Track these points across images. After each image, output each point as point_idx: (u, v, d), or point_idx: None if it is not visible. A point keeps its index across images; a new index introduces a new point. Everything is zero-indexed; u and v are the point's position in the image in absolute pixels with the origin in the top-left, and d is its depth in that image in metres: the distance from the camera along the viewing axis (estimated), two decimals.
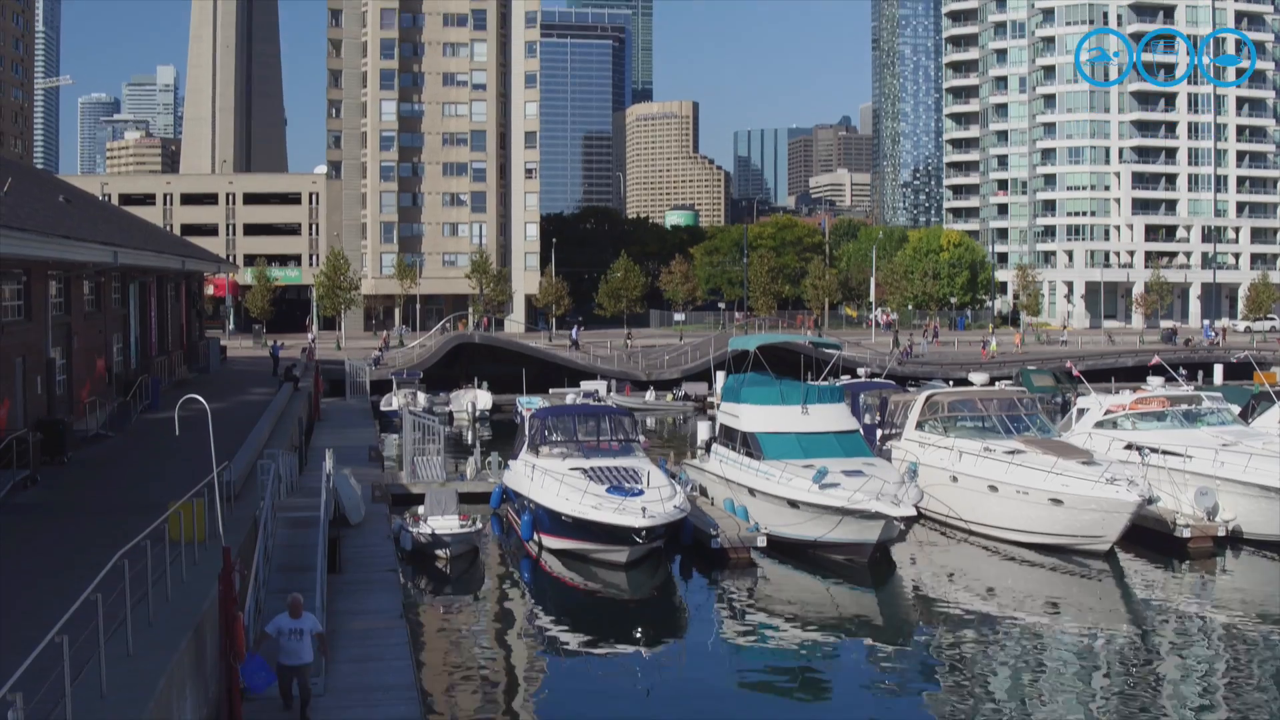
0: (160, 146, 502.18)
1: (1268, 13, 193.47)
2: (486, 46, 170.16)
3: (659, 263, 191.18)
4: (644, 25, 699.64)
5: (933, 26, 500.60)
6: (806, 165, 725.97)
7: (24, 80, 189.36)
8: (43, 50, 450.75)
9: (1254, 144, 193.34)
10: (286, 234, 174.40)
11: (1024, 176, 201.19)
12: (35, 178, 72.94)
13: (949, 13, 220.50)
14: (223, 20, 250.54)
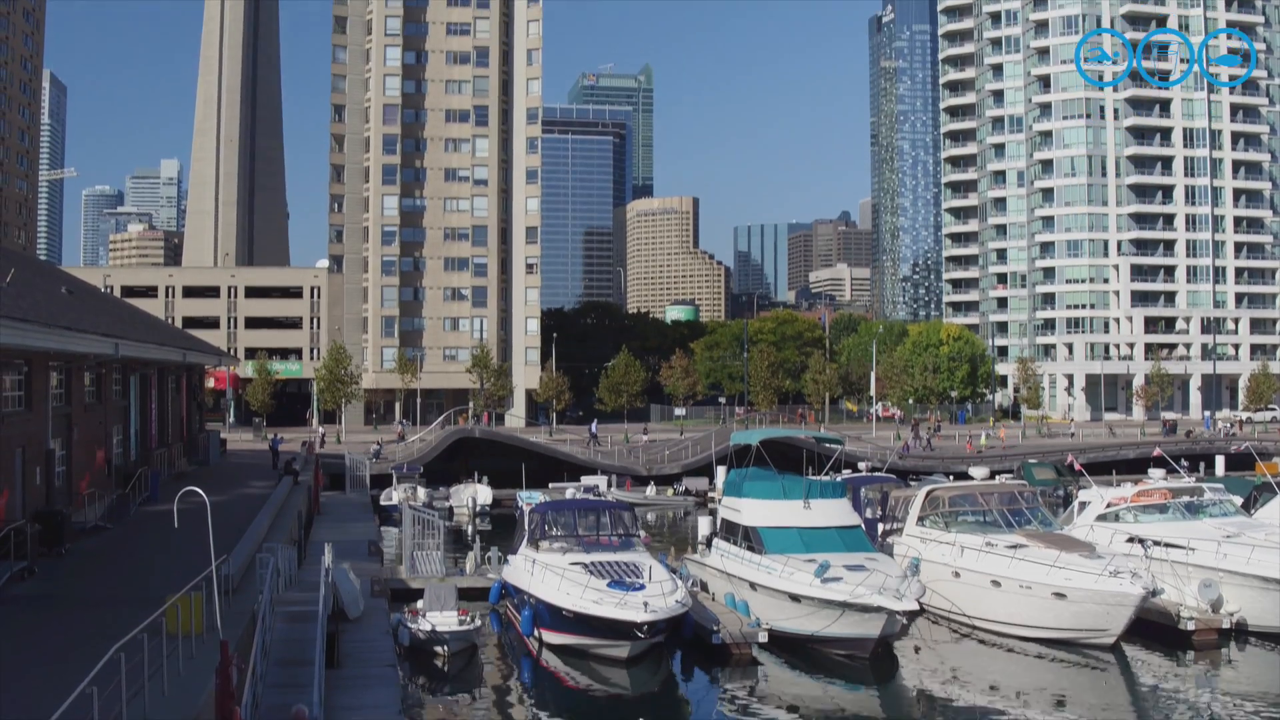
0: (163, 239, 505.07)
1: (1263, 105, 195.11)
2: (488, 142, 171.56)
3: (659, 357, 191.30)
4: (644, 122, 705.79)
5: (931, 122, 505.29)
6: (806, 260, 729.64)
7: (28, 171, 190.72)
8: (48, 142, 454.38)
9: (1252, 235, 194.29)
10: (288, 327, 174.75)
11: (1023, 270, 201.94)
12: (38, 269, 73.20)
13: (947, 108, 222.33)
14: (227, 115, 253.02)
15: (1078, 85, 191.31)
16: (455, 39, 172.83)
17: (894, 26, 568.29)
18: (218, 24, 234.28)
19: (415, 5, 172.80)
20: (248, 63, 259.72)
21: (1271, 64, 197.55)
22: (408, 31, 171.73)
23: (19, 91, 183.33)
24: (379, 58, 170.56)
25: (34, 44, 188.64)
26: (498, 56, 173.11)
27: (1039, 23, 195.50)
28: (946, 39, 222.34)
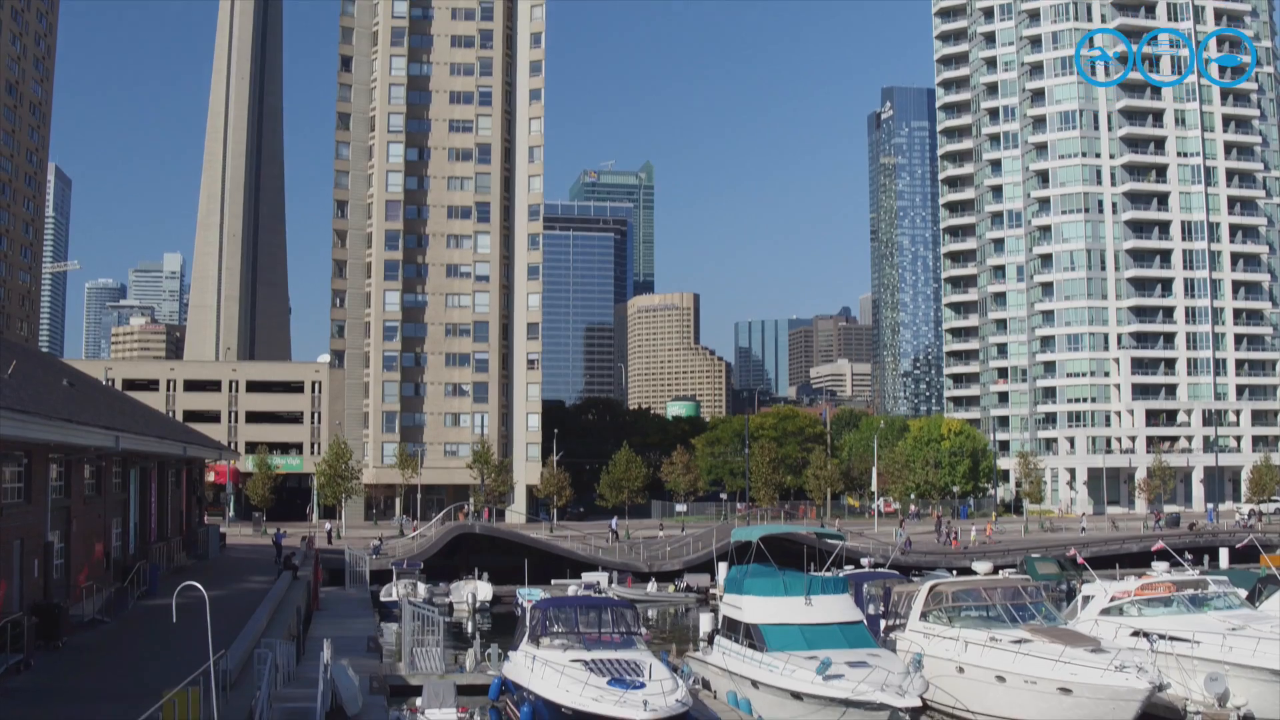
0: (165, 333, 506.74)
1: (1260, 197, 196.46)
2: (490, 238, 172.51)
3: (660, 453, 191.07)
4: (645, 218, 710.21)
5: (931, 218, 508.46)
6: (807, 356, 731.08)
7: (32, 264, 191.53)
8: (51, 235, 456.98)
9: (1251, 327, 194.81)
10: (288, 422, 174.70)
11: (1024, 364, 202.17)
12: (40, 361, 73.33)
13: (946, 204, 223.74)
14: (230, 210, 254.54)
15: (1076, 180, 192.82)
16: (457, 135, 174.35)
17: (893, 123, 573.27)
18: (222, 119, 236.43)
19: (418, 102, 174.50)
20: (251, 158, 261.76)
21: (1268, 156, 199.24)
22: (410, 128, 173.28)
23: (24, 184, 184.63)
24: (381, 154, 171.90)
25: (40, 137, 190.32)
26: (500, 153, 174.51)
27: (1036, 118, 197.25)
28: (945, 135, 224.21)
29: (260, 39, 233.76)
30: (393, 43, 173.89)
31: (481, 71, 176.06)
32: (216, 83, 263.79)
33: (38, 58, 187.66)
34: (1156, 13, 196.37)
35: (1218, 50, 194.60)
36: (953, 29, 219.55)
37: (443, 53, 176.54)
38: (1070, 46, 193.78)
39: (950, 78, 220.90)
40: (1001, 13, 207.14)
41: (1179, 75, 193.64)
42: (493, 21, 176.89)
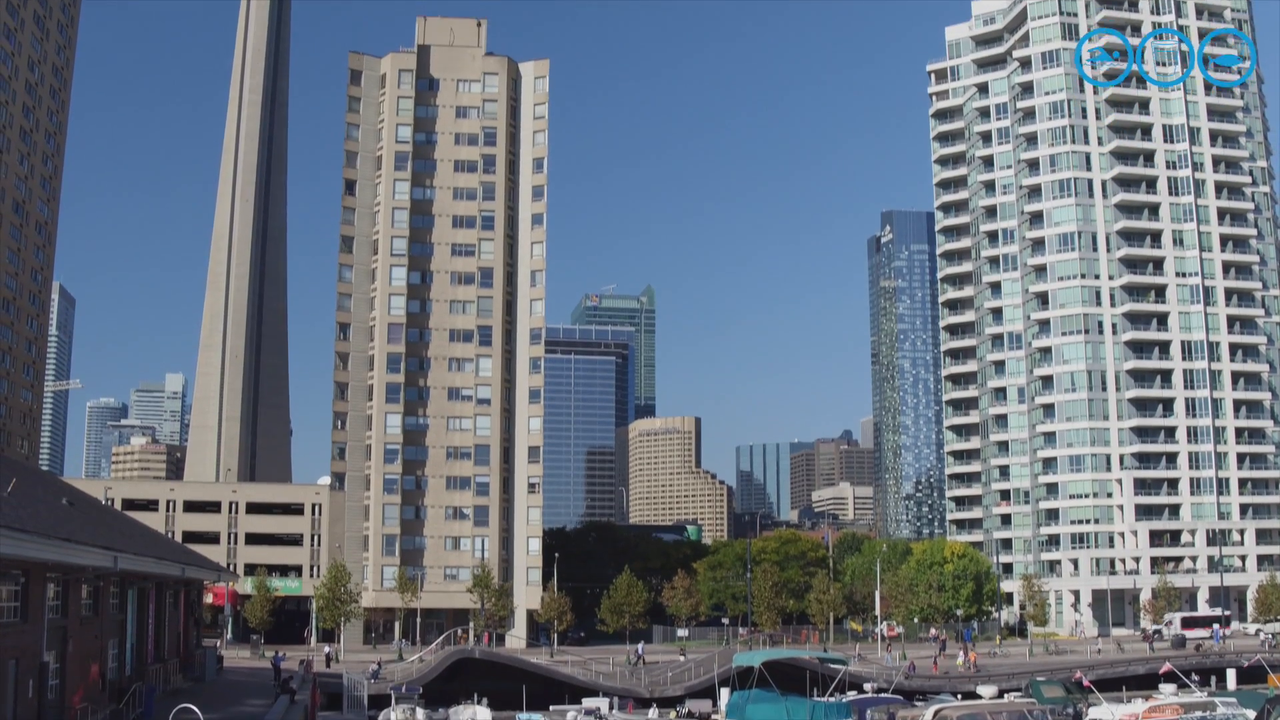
0: (165, 453, 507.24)
1: (1259, 316, 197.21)
2: (491, 362, 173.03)
3: (662, 578, 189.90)
4: (646, 342, 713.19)
5: (931, 340, 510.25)
6: (809, 479, 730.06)
7: (34, 382, 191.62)
8: (54, 353, 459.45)
9: (1254, 445, 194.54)
10: (288, 544, 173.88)
11: (1026, 486, 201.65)
12: (39, 479, 73.14)
13: (946, 326, 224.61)
14: (232, 331, 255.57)
15: (1076, 301, 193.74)
16: (460, 260, 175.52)
17: (892, 246, 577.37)
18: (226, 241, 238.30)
19: (421, 226, 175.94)
20: (254, 279, 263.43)
21: (1266, 275, 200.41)
22: (413, 252, 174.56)
23: (28, 303, 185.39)
24: (384, 277, 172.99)
25: (45, 256, 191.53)
26: (502, 277, 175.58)
27: (1035, 241, 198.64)
28: (945, 258, 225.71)
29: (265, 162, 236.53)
30: (396, 167, 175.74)
31: (484, 196, 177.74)
32: (221, 204, 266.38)
33: (45, 177, 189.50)
34: (1153, 135, 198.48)
35: (1214, 172, 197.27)
36: (951, 153, 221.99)
37: (446, 177, 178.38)
38: (1068, 169, 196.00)
39: (949, 201, 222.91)
40: (999, 136, 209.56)
41: (1176, 194, 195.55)
42: (495, 147, 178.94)
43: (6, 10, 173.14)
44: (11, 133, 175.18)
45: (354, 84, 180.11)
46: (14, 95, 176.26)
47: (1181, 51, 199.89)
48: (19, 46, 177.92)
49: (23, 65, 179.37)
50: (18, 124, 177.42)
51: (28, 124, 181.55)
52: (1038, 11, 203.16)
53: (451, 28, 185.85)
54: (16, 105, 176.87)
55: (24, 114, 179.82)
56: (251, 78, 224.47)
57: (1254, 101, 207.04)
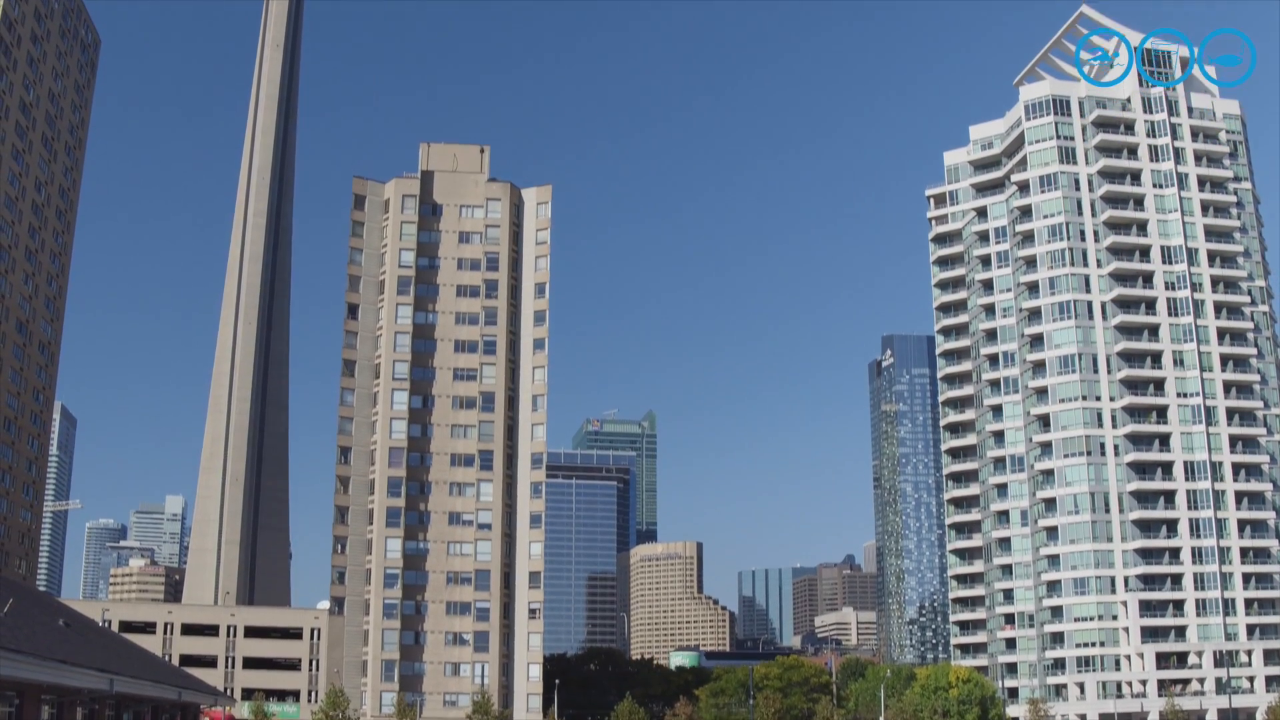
0: (164, 575, 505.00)
1: (1261, 435, 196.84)
2: (493, 486, 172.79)
3: (663, 704, 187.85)
4: (648, 467, 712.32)
5: (933, 464, 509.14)
6: (811, 604, 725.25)
7: (33, 502, 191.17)
8: (54, 473, 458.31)
9: (1259, 565, 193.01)
10: (286, 669, 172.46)
11: (1030, 609, 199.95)
12: (36, 600, 72.58)
13: (948, 450, 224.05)
14: (233, 453, 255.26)
15: (1077, 423, 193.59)
16: (462, 384, 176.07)
17: (893, 370, 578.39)
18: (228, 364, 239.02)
19: (423, 350, 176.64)
20: (256, 401, 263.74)
21: (1267, 394, 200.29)
22: (415, 376, 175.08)
23: (30, 422, 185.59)
24: (386, 401, 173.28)
25: (47, 376, 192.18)
26: (503, 402, 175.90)
27: (1036, 363, 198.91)
28: (946, 382, 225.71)
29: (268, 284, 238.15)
30: (399, 291, 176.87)
31: (486, 321, 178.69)
32: (224, 326, 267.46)
33: (49, 297, 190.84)
34: (1151, 256, 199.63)
35: (1213, 292, 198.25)
36: (951, 277, 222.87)
37: (448, 302, 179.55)
38: (1067, 292, 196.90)
39: (950, 325, 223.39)
40: (999, 260, 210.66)
41: (1176, 315, 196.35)
42: (498, 272, 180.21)
43: (15, 132, 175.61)
44: (17, 253, 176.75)
45: (358, 208, 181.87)
46: (20, 216, 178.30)
47: (1179, 174, 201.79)
48: (26, 168, 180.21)
49: (30, 186, 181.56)
50: (23, 244, 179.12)
51: (33, 244, 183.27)
52: (1035, 136, 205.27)
53: (455, 154, 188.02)
54: (23, 225, 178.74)
55: (30, 234, 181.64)
56: (256, 200, 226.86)
57: (1251, 221, 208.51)
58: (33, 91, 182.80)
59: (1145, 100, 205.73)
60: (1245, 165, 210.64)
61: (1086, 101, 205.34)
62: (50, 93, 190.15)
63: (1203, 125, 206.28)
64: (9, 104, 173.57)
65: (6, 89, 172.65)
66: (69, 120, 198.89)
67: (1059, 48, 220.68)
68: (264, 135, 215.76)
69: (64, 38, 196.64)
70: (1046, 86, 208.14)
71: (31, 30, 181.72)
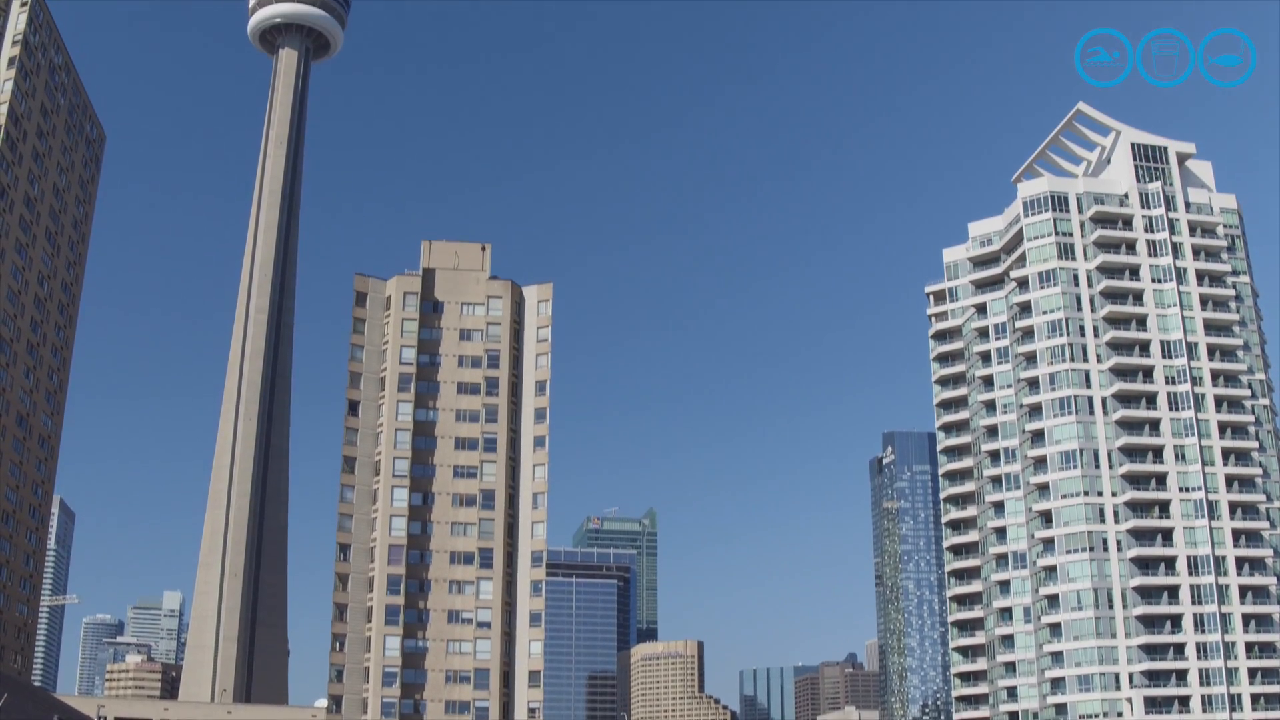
0: (160, 671, 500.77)
1: (1264, 529, 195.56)
2: (492, 585, 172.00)
3: None
4: (648, 565, 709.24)
5: (935, 561, 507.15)
6: (814, 703, 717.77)
7: (30, 596, 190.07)
8: (52, 567, 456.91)
9: (1264, 660, 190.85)
10: None
11: (1034, 707, 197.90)
12: (32, 695, 72.08)
13: (950, 547, 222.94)
14: (232, 549, 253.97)
15: (1079, 519, 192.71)
16: (462, 481, 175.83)
17: (894, 467, 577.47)
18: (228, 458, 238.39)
19: (423, 448, 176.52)
20: (256, 497, 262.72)
21: (1270, 488, 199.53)
22: (415, 473, 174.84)
23: (28, 516, 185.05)
24: (386, 498, 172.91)
25: (47, 470, 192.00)
26: (504, 499, 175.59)
27: (1037, 459, 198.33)
28: (947, 478, 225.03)
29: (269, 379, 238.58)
30: (399, 388, 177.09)
31: (487, 418, 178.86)
32: (225, 420, 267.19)
33: (49, 391, 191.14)
34: (1151, 351, 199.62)
35: (1213, 386, 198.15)
36: (951, 373, 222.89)
37: (449, 399, 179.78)
38: (1068, 387, 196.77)
39: (950, 421, 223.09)
40: (999, 356, 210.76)
41: (1177, 409, 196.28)
42: (499, 369, 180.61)
43: (19, 226, 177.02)
44: (19, 346, 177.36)
45: (359, 305, 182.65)
46: (23, 309, 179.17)
47: (1177, 268, 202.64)
48: (29, 262, 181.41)
49: (32, 280, 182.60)
50: (25, 338, 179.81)
51: (35, 338, 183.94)
52: (1033, 232, 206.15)
53: (456, 251, 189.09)
54: (25, 319, 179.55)
55: (32, 328, 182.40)
56: (258, 296, 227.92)
57: (1250, 315, 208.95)
58: (37, 186, 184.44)
59: (1143, 195, 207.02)
60: (1243, 259, 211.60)
61: (1084, 197, 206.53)
62: (55, 187, 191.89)
63: (1200, 220, 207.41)
64: (14, 198, 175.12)
65: (11, 184, 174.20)
66: (73, 215, 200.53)
67: (1056, 144, 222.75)
68: (266, 231, 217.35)
69: (69, 133, 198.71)
70: (1044, 183, 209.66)
71: (37, 126, 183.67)
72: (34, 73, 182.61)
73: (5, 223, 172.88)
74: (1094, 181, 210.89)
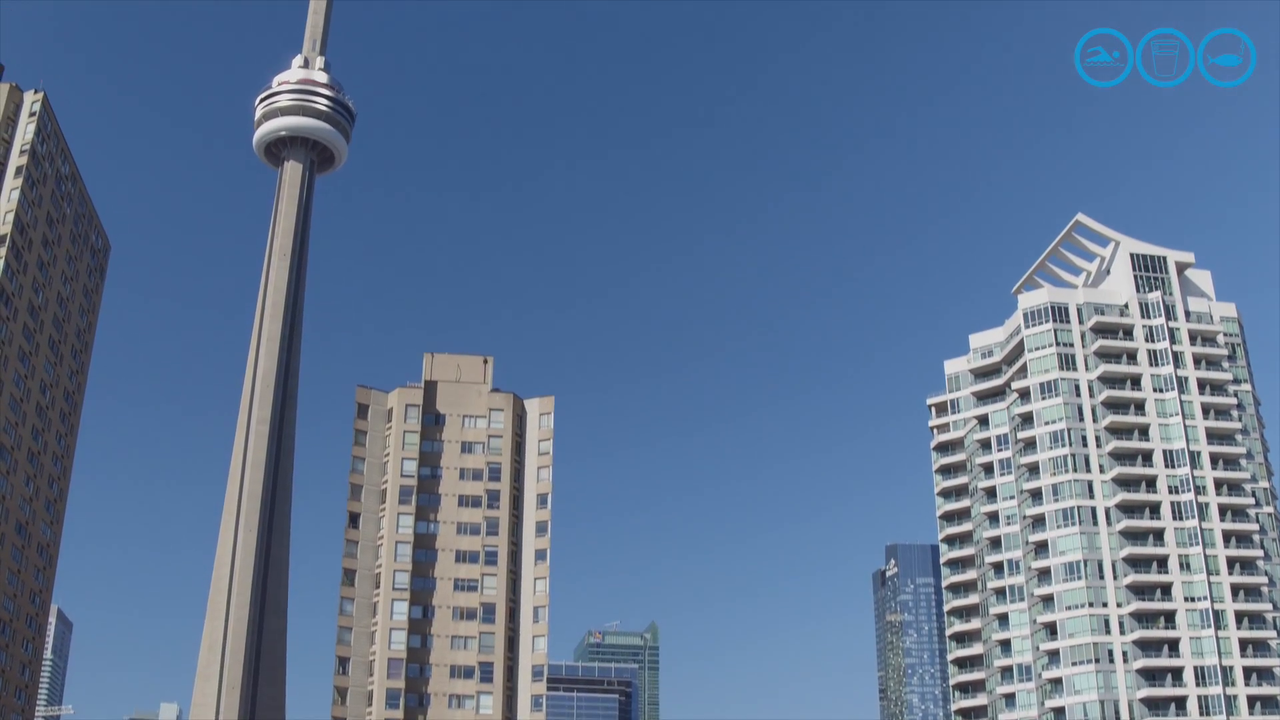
0: None
1: (1270, 638, 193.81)
2: (493, 699, 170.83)
3: None
4: (650, 679, 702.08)
5: (939, 674, 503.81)
6: None
7: (25, 706, 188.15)
8: (48, 677, 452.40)
9: None
10: None
11: None
12: None
13: (954, 660, 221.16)
14: (230, 661, 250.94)
15: (1084, 630, 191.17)
16: (462, 595, 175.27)
17: (898, 580, 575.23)
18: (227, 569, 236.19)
19: (424, 560, 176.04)
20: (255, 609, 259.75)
21: (1275, 596, 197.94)
22: (415, 586, 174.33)
23: (25, 625, 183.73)
24: (385, 611, 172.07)
25: (45, 579, 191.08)
26: (504, 613, 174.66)
27: (1041, 570, 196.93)
28: (950, 591, 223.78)
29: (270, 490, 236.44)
30: (400, 501, 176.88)
31: (488, 531, 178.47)
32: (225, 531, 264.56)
33: (49, 499, 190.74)
34: (1154, 460, 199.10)
35: (1216, 495, 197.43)
36: (954, 485, 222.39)
37: (450, 512, 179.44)
38: (1071, 498, 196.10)
39: (953, 534, 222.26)
40: (1001, 467, 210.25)
41: (1181, 519, 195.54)
42: (500, 482, 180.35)
43: (23, 334, 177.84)
44: (19, 454, 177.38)
45: (360, 417, 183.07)
46: (24, 417, 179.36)
47: (1178, 377, 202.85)
48: (32, 370, 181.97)
49: (34, 388, 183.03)
50: (26, 445, 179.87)
51: (36, 446, 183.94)
52: (1034, 343, 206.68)
53: (458, 364, 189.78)
54: (26, 427, 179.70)
55: (33, 436, 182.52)
56: (259, 407, 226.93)
57: (1252, 423, 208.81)
58: (42, 295, 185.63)
59: (1143, 305, 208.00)
60: (1244, 367, 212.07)
61: (1085, 308, 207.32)
62: (59, 296, 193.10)
63: (1200, 329, 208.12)
64: (18, 306, 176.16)
65: (16, 291, 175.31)
66: (76, 324, 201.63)
67: (1056, 255, 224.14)
68: (269, 342, 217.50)
69: (74, 242, 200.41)
70: (1045, 294, 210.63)
71: (43, 235, 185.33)
72: (41, 182, 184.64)
73: (9, 331, 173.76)
74: (1094, 292, 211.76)
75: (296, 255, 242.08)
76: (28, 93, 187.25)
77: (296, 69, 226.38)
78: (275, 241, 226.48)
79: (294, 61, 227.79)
